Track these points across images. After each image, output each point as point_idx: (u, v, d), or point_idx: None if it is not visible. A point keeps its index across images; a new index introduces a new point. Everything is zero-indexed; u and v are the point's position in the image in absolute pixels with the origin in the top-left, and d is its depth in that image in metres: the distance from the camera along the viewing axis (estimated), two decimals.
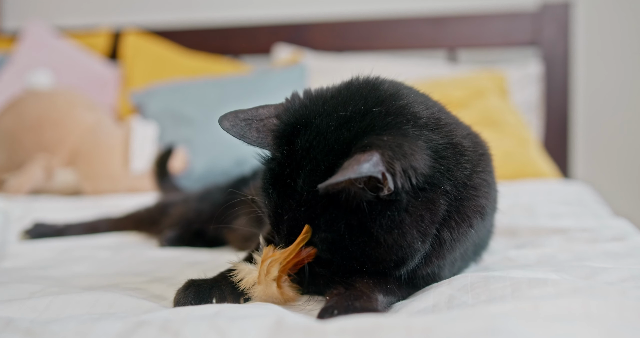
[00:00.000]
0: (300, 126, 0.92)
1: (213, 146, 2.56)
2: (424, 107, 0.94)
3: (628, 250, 1.19)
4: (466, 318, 0.67)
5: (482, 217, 0.98)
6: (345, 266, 0.91)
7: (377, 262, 0.89)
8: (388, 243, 0.87)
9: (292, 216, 0.90)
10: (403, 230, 0.87)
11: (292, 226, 0.90)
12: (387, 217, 0.86)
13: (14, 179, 2.30)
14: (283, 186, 0.90)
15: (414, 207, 0.87)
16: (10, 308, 0.89)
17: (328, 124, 0.90)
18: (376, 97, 0.93)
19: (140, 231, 1.77)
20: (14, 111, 2.47)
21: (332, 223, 0.87)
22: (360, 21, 3.07)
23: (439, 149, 0.91)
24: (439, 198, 0.90)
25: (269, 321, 0.71)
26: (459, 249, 0.98)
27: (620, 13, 2.94)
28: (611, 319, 0.69)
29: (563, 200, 1.88)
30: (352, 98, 0.93)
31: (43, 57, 3.02)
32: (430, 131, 0.91)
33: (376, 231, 0.86)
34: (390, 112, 0.90)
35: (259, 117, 0.96)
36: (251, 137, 0.94)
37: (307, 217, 0.88)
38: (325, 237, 0.88)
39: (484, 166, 1.00)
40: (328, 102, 0.94)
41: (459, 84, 2.64)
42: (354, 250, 0.88)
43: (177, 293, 0.93)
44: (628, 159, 2.95)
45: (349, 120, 0.89)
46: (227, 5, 3.36)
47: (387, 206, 0.86)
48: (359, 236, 0.87)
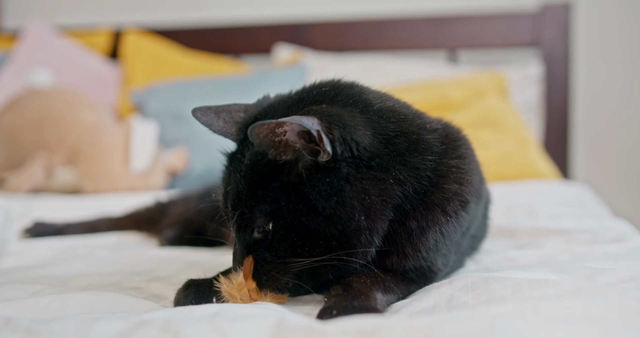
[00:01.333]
0: (259, 116, 0.97)
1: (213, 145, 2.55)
2: (377, 99, 0.97)
3: (628, 251, 1.19)
4: (466, 319, 0.68)
5: (461, 204, 0.97)
6: (285, 243, 0.89)
7: (316, 237, 0.87)
8: (326, 211, 0.86)
9: (234, 188, 0.92)
10: (342, 199, 0.86)
11: (235, 198, 0.91)
12: (326, 183, 0.87)
13: (14, 177, 2.30)
14: (234, 163, 0.95)
15: (355, 178, 0.88)
16: (10, 307, 0.89)
17: (282, 107, 0.96)
18: (330, 85, 0.99)
19: (140, 230, 1.77)
20: (14, 110, 2.47)
21: (271, 192, 0.88)
22: (360, 21, 3.07)
23: (390, 136, 0.93)
24: (390, 181, 0.90)
25: (270, 322, 0.71)
26: (440, 239, 0.96)
27: (620, 14, 2.94)
28: (611, 320, 0.69)
29: (563, 201, 1.88)
30: (310, 88, 1.00)
31: (43, 56, 3.02)
32: (381, 119, 0.94)
33: (314, 197, 0.86)
34: (340, 95, 0.95)
35: (229, 110, 1.03)
36: (217, 126, 1.02)
37: (248, 186, 0.90)
38: (264, 208, 0.88)
39: (454, 153, 1.00)
40: (289, 95, 1.01)
41: (459, 84, 2.64)
42: (291, 220, 0.87)
43: (177, 293, 0.93)
44: (628, 160, 2.95)
45: (301, 100, 0.95)
46: (228, 4, 3.36)
47: (326, 174, 0.87)
48: (297, 204, 0.87)
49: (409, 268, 0.96)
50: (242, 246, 0.93)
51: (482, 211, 1.12)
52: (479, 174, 1.06)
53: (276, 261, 0.90)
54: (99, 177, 2.40)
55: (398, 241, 0.94)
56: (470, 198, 0.99)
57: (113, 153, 2.45)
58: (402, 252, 0.95)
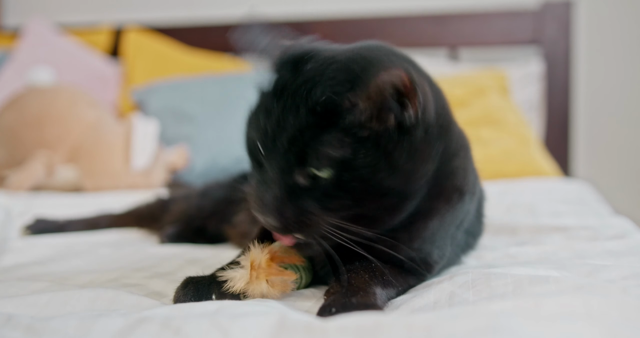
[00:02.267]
0: (310, 54, 0.92)
1: (214, 143, 2.56)
2: (426, 74, 1.00)
3: (629, 248, 1.19)
4: (467, 316, 0.67)
5: (460, 197, 1.00)
6: (345, 193, 0.84)
7: (384, 193, 0.85)
8: (406, 168, 0.86)
9: (297, 123, 0.83)
10: (422, 158, 0.88)
11: (294, 136, 0.82)
12: (409, 141, 0.86)
13: (15, 175, 2.30)
14: (293, 94, 0.85)
15: (425, 142, 0.89)
16: (11, 304, 0.89)
17: (345, 54, 0.90)
18: (393, 53, 0.98)
19: (140, 227, 1.77)
20: (15, 108, 2.47)
21: (346, 138, 0.82)
22: (361, 19, 3.07)
23: (438, 106, 0.94)
24: (434, 150, 0.92)
25: (271, 319, 0.71)
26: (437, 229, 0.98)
27: (621, 12, 2.93)
28: (612, 317, 0.69)
29: (564, 198, 1.88)
30: (366, 47, 0.97)
31: (44, 54, 3.02)
32: (432, 91, 0.94)
33: (398, 154, 0.85)
34: (407, 61, 0.97)
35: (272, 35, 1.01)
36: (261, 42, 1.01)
37: (317, 124, 0.82)
38: (333, 153, 0.82)
39: (467, 151, 1.04)
40: (338, 47, 0.97)
41: (460, 82, 2.63)
42: (366, 173, 0.83)
43: (177, 291, 0.93)
44: (629, 158, 2.95)
45: (369, 58, 0.89)
46: (229, 2, 3.36)
47: (407, 132, 0.86)
48: (377, 158, 0.83)
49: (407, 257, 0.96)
50: (282, 190, 0.84)
51: (475, 207, 1.13)
52: (474, 172, 1.10)
53: (321, 213, 0.85)
54: (100, 175, 2.40)
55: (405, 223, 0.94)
56: (467, 192, 1.02)
57: (114, 151, 2.45)
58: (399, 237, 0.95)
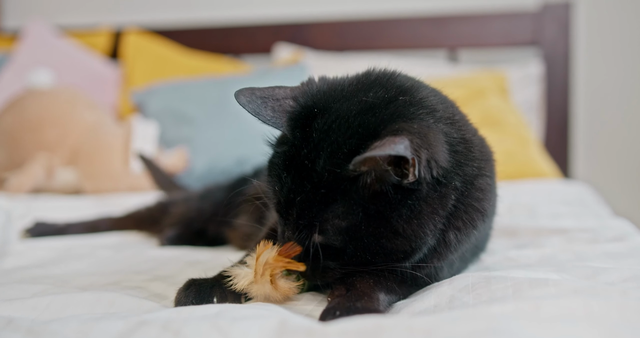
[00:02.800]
0: (317, 110, 0.91)
1: (214, 145, 2.56)
2: (439, 102, 0.95)
3: (629, 250, 1.19)
4: (467, 319, 0.67)
5: (483, 219, 0.98)
6: (355, 258, 0.88)
7: (390, 253, 0.88)
8: (407, 234, 0.86)
9: (305, 198, 0.87)
10: (421, 221, 0.87)
11: (304, 208, 0.87)
12: (408, 206, 0.85)
13: (15, 178, 2.30)
14: (299, 168, 0.88)
15: (431, 199, 0.87)
16: (11, 307, 0.89)
17: (349, 108, 0.89)
18: (397, 87, 0.94)
19: (141, 230, 1.77)
20: (15, 110, 2.47)
21: (350, 209, 0.85)
22: (361, 21, 3.07)
23: (453, 143, 0.92)
24: (450, 193, 0.90)
25: (272, 322, 0.71)
26: (460, 250, 0.98)
27: (620, 13, 2.94)
28: (612, 320, 0.69)
29: (563, 200, 1.88)
30: (373, 86, 0.94)
31: (44, 56, 3.02)
32: (446, 125, 0.92)
33: (395, 220, 0.85)
34: (413, 103, 0.91)
35: (275, 96, 0.95)
36: (266, 115, 0.93)
37: (323, 200, 0.86)
38: (339, 225, 0.86)
39: (490, 168, 1.01)
40: (346, 88, 0.94)
41: (459, 84, 2.63)
42: (370, 241, 0.86)
43: (178, 293, 0.93)
44: (628, 159, 2.95)
45: (373, 106, 0.89)
46: (228, 4, 3.36)
47: (407, 195, 0.85)
48: (378, 226, 0.85)
49: (419, 276, 0.96)
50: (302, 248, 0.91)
51: (489, 224, 1.13)
52: (495, 192, 1.07)
53: (338, 268, 0.91)
54: (100, 177, 2.40)
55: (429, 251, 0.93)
56: (489, 215, 1.02)
57: (113, 153, 2.45)
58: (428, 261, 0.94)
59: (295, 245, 0.91)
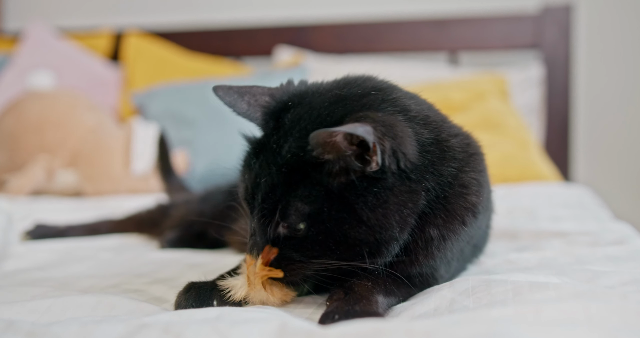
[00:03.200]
0: (291, 104, 0.95)
1: (214, 147, 2.56)
2: (414, 103, 0.97)
3: (629, 254, 1.19)
4: (467, 323, 0.67)
5: (474, 215, 0.98)
6: (318, 245, 0.88)
7: (353, 244, 0.87)
8: (370, 222, 0.86)
9: (269, 181, 0.88)
10: (387, 210, 0.86)
11: (267, 191, 0.88)
12: (373, 194, 0.86)
13: (15, 180, 2.30)
14: (267, 153, 0.90)
15: (399, 191, 0.88)
16: (12, 310, 0.89)
17: (322, 100, 0.93)
18: (372, 86, 0.96)
19: (141, 232, 1.77)
20: (15, 112, 2.47)
21: (312, 193, 0.86)
22: (361, 23, 3.07)
23: (425, 144, 0.92)
24: (421, 191, 0.90)
25: (272, 326, 0.71)
26: (451, 247, 0.97)
27: (621, 16, 2.94)
28: (613, 323, 0.69)
29: (564, 203, 1.88)
30: (348, 84, 0.97)
31: (44, 58, 3.02)
32: (418, 125, 0.93)
33: (360, 207, 0.85)
34: (385, 100, 0.93)
35: (252, 92, 0.99)
36: (241, 108, 0.97)
37: (285, 181, 0.87)
38: (302, 208, 0.86)
39: (474, 165, 1.00)
40: (323, 86, 0.98)
41: (460, 86, 2.64)
42: (332, 226, 0.86)
43: (178, 296, 0.93)
44: (629, 162, 2.95)
45: (345, 98, 0.92)
46: (228, 6, 3.36)
47: (372, 183, 0.86)
48: (340, 211, 0.86)
49: (414, 274, 0.96)
50: (264, 240, 0.91)
51: (486, 222, 1.12)
52: (488, 187, 1.07)
53: (303, 260, 0.90)
54: (100, 179, 2.41)
55: (411, 249, 0.93)
56: (482, 210, 1.00)
57: (114, 155, 2.45)
58: (413, 259, 0.94)
59: (271, 248, 0.91)
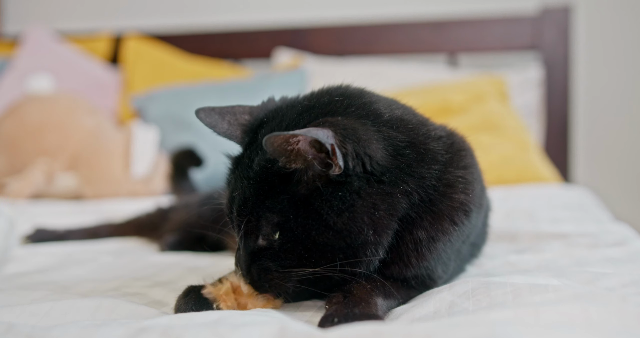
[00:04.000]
0: (267, 119, 0.97)
1: (214, 151, 2.56)
2: (386, 108, 0.97)
3: (628, 256, 1.19)
4: (467, 325, 0.67)
5: (465, 213, 0.98)
6: (291, 254, 0.89)
7: (324, 250, 0.88)
8: (337, 226, 0.86)
9: (241, 194, 0.91)
10: (353, 214, 0.86)
11: (241, 204, 0.91)
12: (338, 197, 0.86)
13: (15, 183, 2.30)
14: (241, 167, 0.94)
15: (366, 193, 0.87)
16: (12, 313, 0.89)
17: (292, 112, 0.95)
18: (340, 93, 0.98)
19: (141, 236, 1.77)
20: (15, 116, 2.47)
21: (279, 202, 0.88)
22: (360, 26, 3.08)
23: (399, 147, 0.92)
24: (399, 194, 0.90)
25: (272, 329, 0.71)
26: (444, 248, 0.97)
27: (620, 17, 2.94)
28: (612, 326, 0.69)
29: (563, 205, 1.88)
30: (318, 94, 0.99)
31: (44, 61, 3.03)
32: (391, 129, 0.93)
33: (325, 212, 0.86)
34: (352, 105, 0.94)
35: (233, 112, 1.02)
36: (221, 128, 1.00)
37: (255, 193, 0.89)
38: (272, 218, 0.88)
39: (460, 163, 1.00)
40: (298, 99, 1.00)
41: (459, 88, 2.64)
42: (300, 233, 0.87)
43: (178, 300, 0.93)
44: (628, 164, 2.95)
45: (312, 108, 0.94)
46: (228, 9, 3.37)
47: (337, 188, 0.86)
48: (306, 218, 0.87)
49: (410, 276, 0.96)
50: (246, 253, 0.92)
51: (482, 220, 1.12)
52: (480, 184, 1.06)
53: (280, 270, 0.90)
54: (100, 182, 2.41)
55: (403, 251, 0.93)
56: (473, 208, 0.99)
57: (113, 159, 2.45)
58: (406, 261, 0.94)
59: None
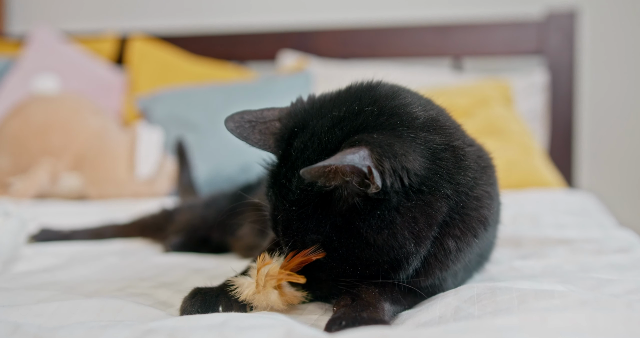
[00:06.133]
0: (297, 129, 0.94)
1: (218, 152, 2.56)
2: (421, 109, 0.95)
3: (633, 262, 1.19)
4: (473, 331, 0.68)
5: (485, 228, 0.98)
6: (338, 269, 0.90)
7: (369, 264, 0.88)
8: (378, 244, 0.86)
9: (285, 216, 0.91)
10: (393, 230, 0.86)
11: (285, 227, 0.91)
12: (377, 216, 0.86)
13: (20, 183, 2.31)
14: (279, 186, 0.92)
15: (405, 208, 0.87)
16: (18, 312, 0.89)
17: (322, 124, 0.92)
18: (370, 97, 0.94)
19: (145, 237, 1.77)
20: (20, 116, 2.48)
21: (322, 224, 0.88)
22: (365, 29, 3.08)
23: (437, 150, 0.91)
24: (438, 201, 0.89)
25: (279, 332, 0.71)
26: (462, 260, 0.98)
27: (626, 22, 2.94)
28: (618, 332, 0.69)
29: (568, 210, 1.88)
30: (348, 99, 0.95)
31: (49, 61, 3.03)
32: (428, 132, 0.91)
33: (365, 231, 0.86)
34: (383, 112, 0.91)
35: (263, 119, 0.99)
36: (254, 139, 0.98)
37: (298, 217, 0.89)
38: (316, 239, 0.89)
39: (487, 178, 1.00)
40: (325, 105, 0.96)
41: (463, 92, 2.64)
42: (344, 252, 0.88)
43: (184, 302, 0.93)
44: (633, 169, 2.95)
45: (342, 120, 0.91)
46: (233, 11, 3.37)
47: (376, 206, 0.86)
48: (348, 237, 0.87)
49: (423, 286, 0.96)
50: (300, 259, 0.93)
51: (493, 233, 1.12)
52: (498, 200, 1.07)
53: (328, 279, 0.92)
54: (104, 183, 2.41)
55: (430, 261, 0.93)
56: (491, 223, 1.01)
57: (118, 159, 2.46)
58: (429, 271, 0.94)
59: (298, 257, 0.91)
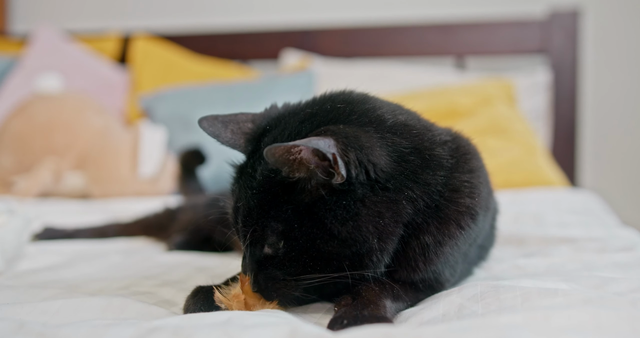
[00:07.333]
0: (270, 127, 0.96)
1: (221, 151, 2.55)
2: (390, 113, 0.96)
3: (637, 260, 1.19)
4: (477, 329, 0.68)
5: (472, 217, 0.97)
6: (297, 262, 0.89)
7: (330, 258, 0.88)
8: (342, 236, 0.86)
9: (246, 204, 0.91)
10: (358, 223, 0.86)
11: (246, 215, 0.91)
12: (342, 207, 0.86)
13: (23, 182, 2.31)
14: (245, 177, 0.93)
15: (371, 201, 0.87)
16: (23, 310, 0.90)
17: (294, 120, 0.94)
18: (343, 99, 0.97)
19: (148, 236, 1.78)
20: (24, 115, 2.48)
21: (283, 212, 0.87)
22: (369, 28, 3.08)
23: (404, 153, 0.92)
24: (403, 199, 0.90)
25: (283, 330, 0.71)
26: (451, 251, 0.97)
27: (629, 21, 2.94)
28: (622, 331, 0.69)
29: (571, 209, 1.88)
30: (321, 100, 0.98)
31: (52, 60, 3.04)
32: (395, 135, 0.93)
33: (330, 221, 0.86)
34: (354, 112, 0.93)
35: (236, 120, 1.01)
36: (225, 137, 0.99)
37: (259, 203, 0.89)
38: (277, 228, 0.88)
39: (465, 167, 1.00)
40: (300, 106, 0.99)
41: (466, 91, 2.64)
42: (304, 242, 0.87)
43: (187, 300, 0.93)
44: (636, 168, 2.94)
45: (314, 115, 0.93)
46: (236, 10, 3.38)
47: (341, 197, 0.86)
48: (311, 227, 0.86)
49: (418, 280, 0.97)
50: (252, 261, 0.92)
51: (489, 222, 1.12)
52: (487, 186, 1.06)
53: (287, 278, 0.90)
54: (107, 182, 2.42)
55: (410, 256, 0.94)
56: (480, 211, 0.99)
57: (121, 158, 2.46)
58: (413, 266, 0.94)
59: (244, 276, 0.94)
